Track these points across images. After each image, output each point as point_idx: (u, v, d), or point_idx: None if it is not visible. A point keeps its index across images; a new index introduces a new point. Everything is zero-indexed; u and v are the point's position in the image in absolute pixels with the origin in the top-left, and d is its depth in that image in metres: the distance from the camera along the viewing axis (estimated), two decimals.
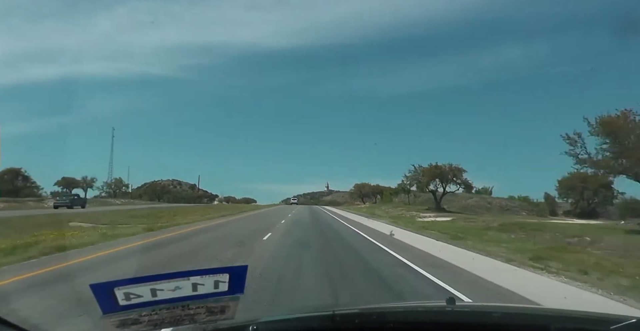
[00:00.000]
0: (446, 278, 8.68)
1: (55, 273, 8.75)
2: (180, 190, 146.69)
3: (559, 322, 1.91)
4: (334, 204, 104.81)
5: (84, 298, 5.63)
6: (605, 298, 7.31)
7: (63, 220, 24.11)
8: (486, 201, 66.79)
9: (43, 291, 7.09)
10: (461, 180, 57.19)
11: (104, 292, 1.47)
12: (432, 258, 12.15)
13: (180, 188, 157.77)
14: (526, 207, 63.63)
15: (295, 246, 14.74)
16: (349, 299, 7.07)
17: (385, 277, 9.06)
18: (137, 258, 11.41)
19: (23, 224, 20.29)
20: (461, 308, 2.18)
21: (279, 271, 9.34)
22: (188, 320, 1.57)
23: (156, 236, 17.56)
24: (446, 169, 56.43)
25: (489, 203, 66.34)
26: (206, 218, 33.02)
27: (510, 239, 18.37)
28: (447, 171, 56.49)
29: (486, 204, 64.93)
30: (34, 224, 19.27)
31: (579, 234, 18.91)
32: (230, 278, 1.64)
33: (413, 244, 16.32)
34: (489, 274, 9.37)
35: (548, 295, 7.42)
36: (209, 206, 71.17)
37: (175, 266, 9.92)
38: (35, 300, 6.42)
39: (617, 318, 1.80)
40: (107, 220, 25.18)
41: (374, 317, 1.94)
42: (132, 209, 43.27)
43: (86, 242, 14.06)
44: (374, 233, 21.23)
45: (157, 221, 26.55)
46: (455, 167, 56.56)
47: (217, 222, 28.86)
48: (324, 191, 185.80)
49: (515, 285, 8.11)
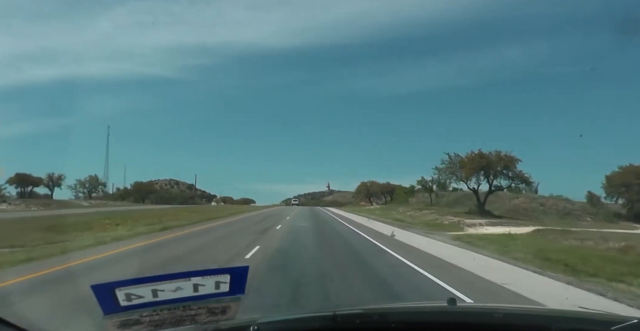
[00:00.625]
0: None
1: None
2: (177, 190, 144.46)
3: (561, 322, 1.91)
4: (336, 205, 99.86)
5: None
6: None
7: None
8: (537, 202, 51.78)
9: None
10: (514, 173, 42.10)
11: (105, 293, 1.48)
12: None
13: (178, 187, 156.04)
14: (589, 210, 49.91)
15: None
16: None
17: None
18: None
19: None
20: (463, 308, 2.17)
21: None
22: (189, 321, 1.57)
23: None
24: (493, 159, 41.88)
25: (542, 204, 51.04)
26: (175, 224, 24.49)
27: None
28: (495, 161, 41.72)
29: (539, 207, 50.23)
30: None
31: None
32: (232, 278, 1.65)
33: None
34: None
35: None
36: (200, 207, 64.49)
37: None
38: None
39: (619, 318, 1.79)
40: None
41: (375, 317, 1.94)
42: (66, 215, 32.53)
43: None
44: (438, 266, 11.11)
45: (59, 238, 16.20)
46: (505, 155, 41.80)
47: (188, 231, 21.17)
48: (325, 191, 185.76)
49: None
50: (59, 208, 47.73)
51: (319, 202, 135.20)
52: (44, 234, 17.21)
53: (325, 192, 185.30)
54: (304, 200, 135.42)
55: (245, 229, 22.74)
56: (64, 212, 38.85)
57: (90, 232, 19.30)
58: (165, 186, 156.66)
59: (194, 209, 49.77)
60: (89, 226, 22.36)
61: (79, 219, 26.59)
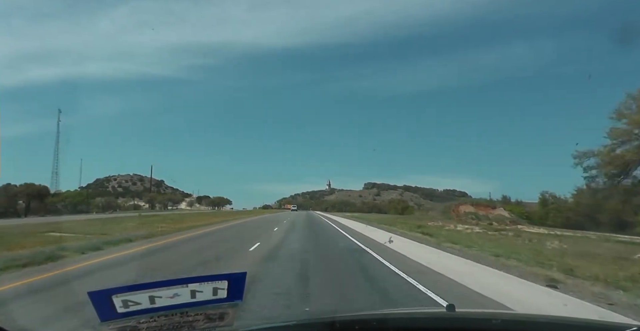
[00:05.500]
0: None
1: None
2: (140, 187, 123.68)
3: (560, 330, 1.90)
4: (343, 209, 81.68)
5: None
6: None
7: None
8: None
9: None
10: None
11: (102, 299, 1.47)
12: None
13: (142, 184, 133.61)
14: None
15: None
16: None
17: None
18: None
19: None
20: (461, 314, 2.16)
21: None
22: (187, 327, 1.57)
23: None
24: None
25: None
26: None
27: None
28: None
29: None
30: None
31: None
32: (229, 284, 1.65)
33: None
34: None
35: None
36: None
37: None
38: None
39: (619, 326, 1.79)
40: None
41: (374, 324, 1.93)
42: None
43: None
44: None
45: None
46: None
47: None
48: (326, 190, 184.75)
49: None
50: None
51: (319, 202, 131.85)
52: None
53: (326, 191, 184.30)
54: (302, 200, 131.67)
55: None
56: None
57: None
58: (126, 183, 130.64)
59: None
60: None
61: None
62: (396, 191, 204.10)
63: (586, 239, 23.65)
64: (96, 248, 14.28)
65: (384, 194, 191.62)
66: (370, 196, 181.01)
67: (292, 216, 60.11)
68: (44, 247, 13.64)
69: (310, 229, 28.31)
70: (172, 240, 19.01)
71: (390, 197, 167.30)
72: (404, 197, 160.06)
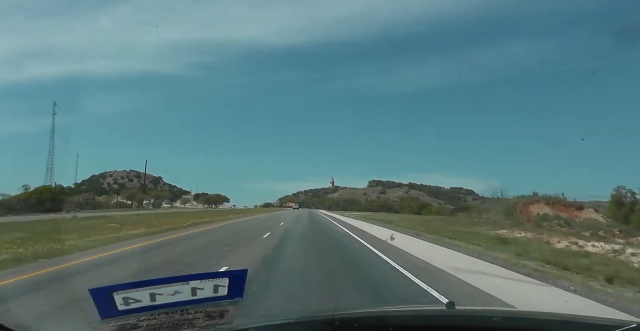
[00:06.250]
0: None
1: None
2: (137, 184, 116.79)
3: (560, 326, 1.90)
4: (349, 207, 77.27)
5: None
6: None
7: None
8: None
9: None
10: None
11: (103, 297, 1.48)
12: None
13: (139, 181, 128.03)
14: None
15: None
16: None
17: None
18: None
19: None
20: (461, 312, 2.17)
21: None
22: (187, 325, 1.57)
23: None
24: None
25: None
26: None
27: None
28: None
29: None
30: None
31: None
32: (230, 282, 1.65)
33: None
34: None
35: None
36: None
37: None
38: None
39: (618, 323, 1.79)
40: None
41: (374, 321, 1.93)
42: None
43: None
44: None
45: None
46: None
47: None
48: (329, 188, 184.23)
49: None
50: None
51: (322, 200, 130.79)
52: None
53: (329, 188, 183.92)
54: (305, 198, 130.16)
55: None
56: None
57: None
58: (122, 179, 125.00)
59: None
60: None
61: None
62: (401, 189, 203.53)
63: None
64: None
65: (389, 192, 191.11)
66: (375, 193, 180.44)
67: (292, 216, 52.48)
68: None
69: (316, 250, 14.31)
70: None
71: (395, 195, 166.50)
72: (409, 195, 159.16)
